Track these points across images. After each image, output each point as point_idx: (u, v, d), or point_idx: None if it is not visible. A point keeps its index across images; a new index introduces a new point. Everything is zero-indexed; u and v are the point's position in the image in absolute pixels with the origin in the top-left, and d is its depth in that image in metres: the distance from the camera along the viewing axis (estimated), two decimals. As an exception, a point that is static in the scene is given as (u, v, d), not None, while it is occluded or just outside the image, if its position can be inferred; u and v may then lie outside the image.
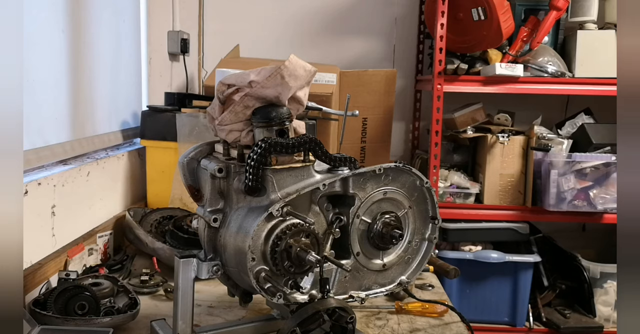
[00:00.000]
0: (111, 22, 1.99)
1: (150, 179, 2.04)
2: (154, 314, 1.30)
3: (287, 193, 1.02)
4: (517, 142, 2.72)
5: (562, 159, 2.62)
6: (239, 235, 1.01)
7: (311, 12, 3.18)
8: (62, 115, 1.64)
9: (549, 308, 2.87)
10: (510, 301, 2.73)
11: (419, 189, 1.14)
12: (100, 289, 1.30)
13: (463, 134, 2.78)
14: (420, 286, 1.55)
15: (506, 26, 2.55)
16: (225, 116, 1.04)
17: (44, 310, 1.19)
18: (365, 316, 1.34)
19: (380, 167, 1.09)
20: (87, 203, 1.68)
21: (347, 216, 1.08)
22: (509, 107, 2.92)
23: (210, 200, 1.06)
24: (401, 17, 3.20)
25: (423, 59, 3.22)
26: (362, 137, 2.62)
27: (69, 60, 1.66)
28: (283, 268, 0.98)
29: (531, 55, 2.69)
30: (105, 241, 1.70)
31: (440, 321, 1.34)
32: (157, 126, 1.99)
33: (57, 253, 1.44)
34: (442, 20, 2.55)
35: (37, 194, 1.38)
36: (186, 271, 1.06)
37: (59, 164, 1.61)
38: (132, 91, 2.24)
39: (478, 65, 2.68)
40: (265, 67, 1.03)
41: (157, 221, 1.80)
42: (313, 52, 3.10)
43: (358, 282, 1.11)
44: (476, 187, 2.76)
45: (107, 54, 1.96)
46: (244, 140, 1.06)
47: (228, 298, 1.24)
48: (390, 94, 2.62)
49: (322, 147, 1.04)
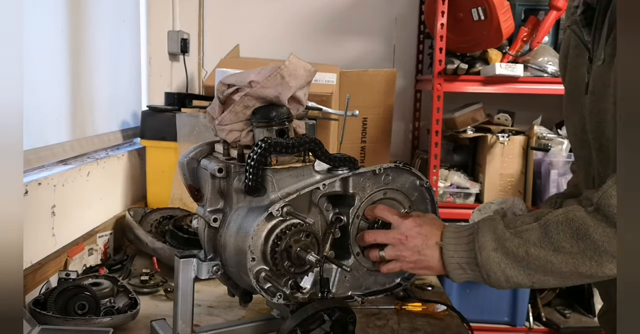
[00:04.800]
0: (111, 22, 1.99)
1: (150, 179, 2.04)
2: (154, 314, 1.30)
3: (287, 193, 1.02)
4: (517, 142, 2.72)
5: (562, 159, 2.62)
6: (239, 235, 1.01)
7: (311, 12, 3.18)
8: (62, 115, 1.64)
9: (548, 308, 2.87)
10: (510, 300, 2.73)
11: (419, 189, 1.14)
12: (100, 289, 1.30)
13: (463, 134, 2.78)
14: (420, 286, 1.55)
15: (506, 26, 2.55)
16: (225, 115, 1.04)
17: (44, 310, 1.19)
18: (365, 316, 1.34)
19: (380, 167, 1.09)
20: (87, 203, 1.68)
21: (347, 216, 1.08)
22: (509, 107, 2.92)
23: (210, 200, 1.06)
24: (401, 17, 3.20)
25: (423, 59, 3.22)
26: (362, 137, 2.62)
27: (69, 60, 1.66)
28: (283, 267, 0.98)
29: (531, 55, 2.69)
30: (105, 241, 1.70)
31: (440, 321, 1.34)
32: (157, 126, 1.99)
33: (57, 253, 1.44)
34: (442, 20, 2.55)
35: (37, 194, 1.38)
36: (186, 271, 1.06)
37: (59, 164, 1.61)
38: (132, 90, 2.24)
39: (478, 65, 2.68)
40: (265, 67, 1.03)
41: (157, 221, 1.80)
42: (313, 52, 3.10)
43: (358, 282, 1.11)
44: (476, 187, 2.76)
45: (107, 54, 1.96)
46: (244, 140, 1.06)
47: (228, 298, 1.24)
48: (390, 94, 2.62)
49: (322, 147, 1.04)
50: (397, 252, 1.05)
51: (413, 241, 1.04)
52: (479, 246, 0.99)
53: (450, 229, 1.04)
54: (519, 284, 1.00)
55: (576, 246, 0.94)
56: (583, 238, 0.94)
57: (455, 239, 1.03)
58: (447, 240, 1.03)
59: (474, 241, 1.00)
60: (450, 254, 1.02)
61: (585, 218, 0.94)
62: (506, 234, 0.98)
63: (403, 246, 1.04)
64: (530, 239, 0.97)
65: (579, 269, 0.95)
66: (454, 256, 1.02)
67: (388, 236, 1.05)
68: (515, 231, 0.98)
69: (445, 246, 1.02)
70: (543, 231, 0.97)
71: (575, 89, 1.14)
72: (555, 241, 0.95)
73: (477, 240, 1.00)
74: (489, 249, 0.98)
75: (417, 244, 1.04)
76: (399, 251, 1.04)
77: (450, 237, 1.03)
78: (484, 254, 0.99)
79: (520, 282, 0.99)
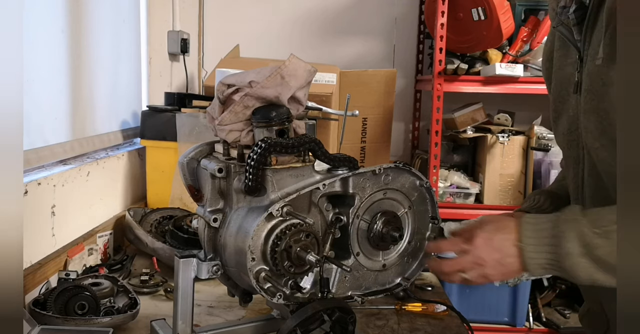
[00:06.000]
0: (111, 22, 1.99)
1: (150, 179, 2.04)
2: (154, 314, 1.30)
3: (287, 193, 1.02)
4: (517, 142, 2.73)
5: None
6: (239, 235, 1.01)
7: (311, 12, 3.18)
8: (62, 115, 1.64)
9: (548, 308, 2.87)
10: (510, 301, 2.74)
11: (419, 189, 1.14)
12: (100, 289, 1.30)
13: (463, 134, 2.78)
14: (420, 286, 1.55)
15: (506, 26, 2.55)
16: (225, 116, 1.04)
17: (44, 310, 1.19)
18: (365, 316, 1.34)
19: (380, 167, 1.09)
20: (87, 203, 1.68)
21: (347, 216, 1.08)
22: (509, 107, 2.92)
23: (210, 200, 1.06)
24: (401, 17, 3.20)
25: (423, 59, 3.22)
26: (362, 137, 2.62)
27: (69, 60, 1.66)
28: (283, 267, 0.98)
29: (531, 55, 2.69)
30: (105, 241, 1.70)
31: (440, 321, 1.34)
32: (157, 125, 1.99)
33: (57, 253, 1.44)
34: (442, 20, 2.55)
35: (37, 194, 1.38)
36: (186, 271, 1.06)
37: (59, 164, 1.61)
38: (132, 90, 2.24)
39: (478, 65, 2.68)
40: (265, 67, 1.03)
41: (157, 221, 1.80)
42: (313, 52, 3.10)
43: (358, 282, 1.11)
44: (476, 187, 2.76)
45: (107, 54, 1.96)
46: (244, 140, 1.06)
47: (228, 298, 1.24)
48: (390, 94, 2.62)
49: (322, 147, 1.04)
50: (481, 272, 1.02)
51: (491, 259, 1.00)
52: (565, 252, 0.94)
53: (528, 228, 0.99)
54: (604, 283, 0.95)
55: None
56: None
57: (536, 239, 0.98)
58: (526, 240, 0.98)
59: (559, 245, 0.95)
60: (531, 256, 0.98)
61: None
62: (595, 239, 0.92)
63: (484, 267, 1.01)
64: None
65: None
66: (535, 257, 0.97)
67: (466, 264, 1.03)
68: (602, 231, 0.93)
69: (525, 247, 0.97)
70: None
71: (563, 90, 1.13)
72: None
73: (562, 245, 0.94)
74: (576, 255, 0.93)
75: (496, 258, 1.00)
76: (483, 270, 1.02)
77: (529, 237, 0.98)
78: (571, 261, 0.94)
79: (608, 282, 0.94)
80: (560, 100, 1.15)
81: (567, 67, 1.12)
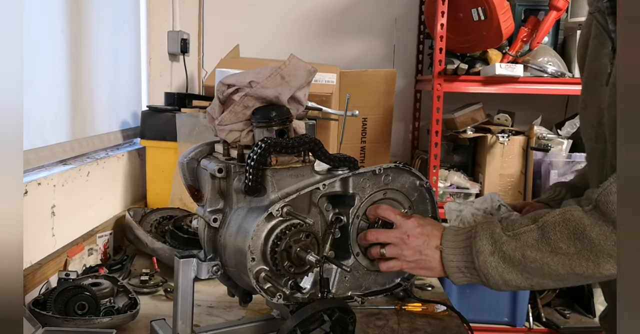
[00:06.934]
0: (111, 22, 1.99)
1: (150, 179, 2.04)
2: (154, 314, 1.30)
3: (287, 193, 1.02)
4: (517, 142, 2.73)
5: (562, 159, 2.62)
6: (239, 235, 1.01)
7: (311, 12, 3.18)
8: (62, 115, 1.64)
9: (548, 308, 2.87)
10: (510, 301, 2.73)
11: (419, 189, 1.14)
12: (100, 289, 1.30)
13: (463, 134, 2.78)
14: (420, 286, 1.55)
15: (506, 26, 2.55)
16: (225, 116, 1.04)
17: (44, 310, 1.19)
18: (365, 316, 1.34)
19: (380, 167, 1.09)
20: (87, 203, 1.68)
21: (347, 216, 1.08)
22: (509, 107, 2.92)
23: (210, 200, 1.06)
24: (401, 17, 3.20)
25: (423, 59, 3.22)
26: (362, 137, 2.62)
27: (69, 61, 1.66)
28: (283, 268, 0.98)
29: (531, 56, 2.69)
30: (105, 241, 1.70)
31: (440, 321, 1.34)
32: (157, 126, 1.99)
33: (57, 253, 1.44)
34: (442, 20, 2.55)
35: (37, 194, 1.38)
36: (186, 271, 1.06)
37: (58, 164, 1.61)
38: (132, 90, 2.24)
39: (478, 66, 2.68)
40: (265, 67, 1.03)
41: (157, 221, 1.80)
42: (313, 52, 3.10)
43: (358, 282, 1.11)
44: (476, 188, 2.76)
45: (107, 54, 1.96)
46: (244, 140, 1.06)
47: (228, 298, 1.24)
48: (390, 94, 2.62)
49: (322, 147, 1.04)
50: (399, 250, 1.04)
51: (415, 240, 1.04)
52: (476, 250, 0.99)
53: (449, 232, 1.04)
54: (518, 287, 0.99)
55: (573, 247, 0.94)
56: (580, 238, 0.93)
57: (454, 242, 1.02)
58: (446, 243, 1.03)
59: (472, 245, 1.00)
60: (449, 258, 1.02)
61: (582, 218, 0.94)
62: (503, 237, 0.98)
63: (405, 245, 1.04)
64: (528, 241, 0.97)
65: (575, 271, 0.94)
66: (453, 260, 1.02)
67: (390, 235, 1.05)
68: (513, 233, 0.98)
69: (444, 250, 1.02)
70: (540, 232, 0.96)
71: (595, 80, 1.12)
72: (552, 242, 0.95)
73: (475, 244, 1.00)
74: (486, 253, 0.98)
75: (418, 244, 1.03)
76: (400, 250, 1.04)
77: (449, 241, 1.03)
78: (481, 259, 0.99)
79: (519, 285, 0.99)
80: (590, 91, 1.14)
81: (602, 59, 1.10)
